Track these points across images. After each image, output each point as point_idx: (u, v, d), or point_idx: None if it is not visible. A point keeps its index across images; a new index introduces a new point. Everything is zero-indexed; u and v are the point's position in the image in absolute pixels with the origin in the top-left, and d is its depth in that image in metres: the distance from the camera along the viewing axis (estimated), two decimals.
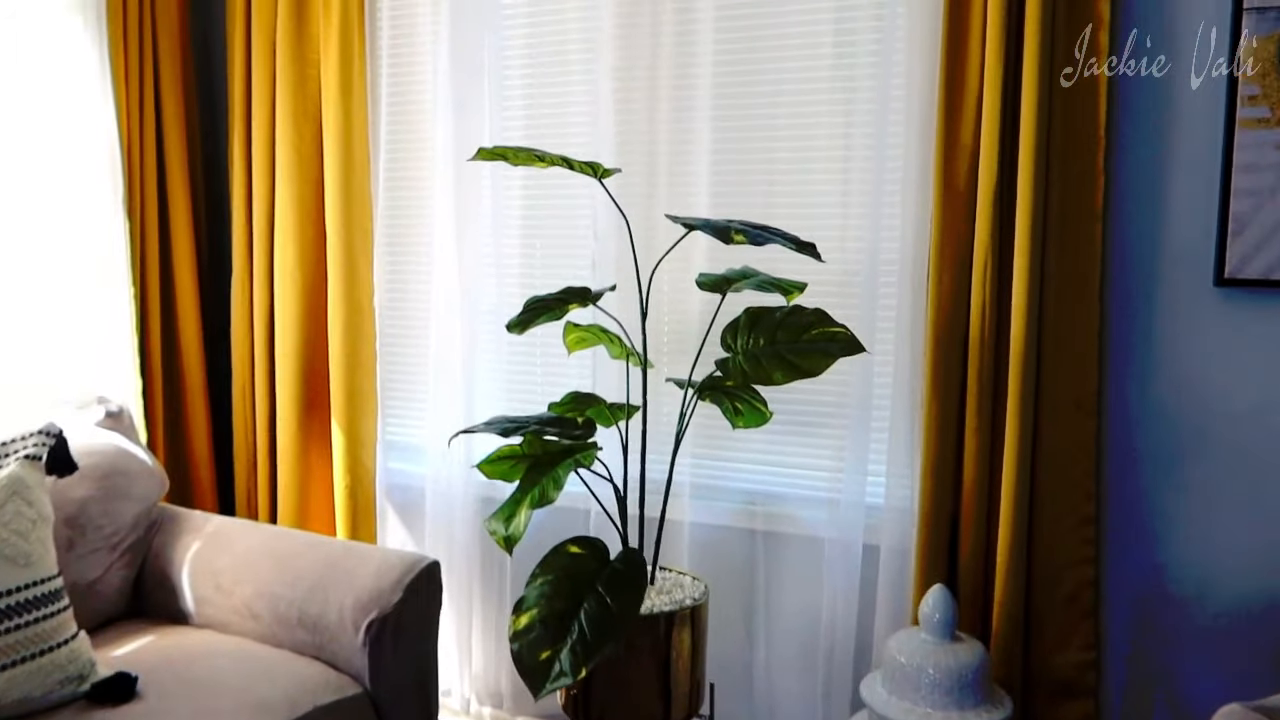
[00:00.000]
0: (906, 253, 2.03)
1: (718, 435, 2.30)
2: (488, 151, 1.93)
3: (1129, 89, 1.91)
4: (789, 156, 2.16)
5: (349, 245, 2.53)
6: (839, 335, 1.79)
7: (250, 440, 2.69)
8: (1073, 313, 1.93)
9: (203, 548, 1.99)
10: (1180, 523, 1.95)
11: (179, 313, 2.67)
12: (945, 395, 1.98)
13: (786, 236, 1.77)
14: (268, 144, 2.59)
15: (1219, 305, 1.89)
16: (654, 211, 2.26)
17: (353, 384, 2.56)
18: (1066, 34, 1.88)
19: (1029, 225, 1.87)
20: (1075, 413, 1.94)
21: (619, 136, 2.27)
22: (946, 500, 2.01)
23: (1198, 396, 1.92)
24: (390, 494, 2.66)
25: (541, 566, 1.76)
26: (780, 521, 2.27)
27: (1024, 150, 1.87)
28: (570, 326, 2.16)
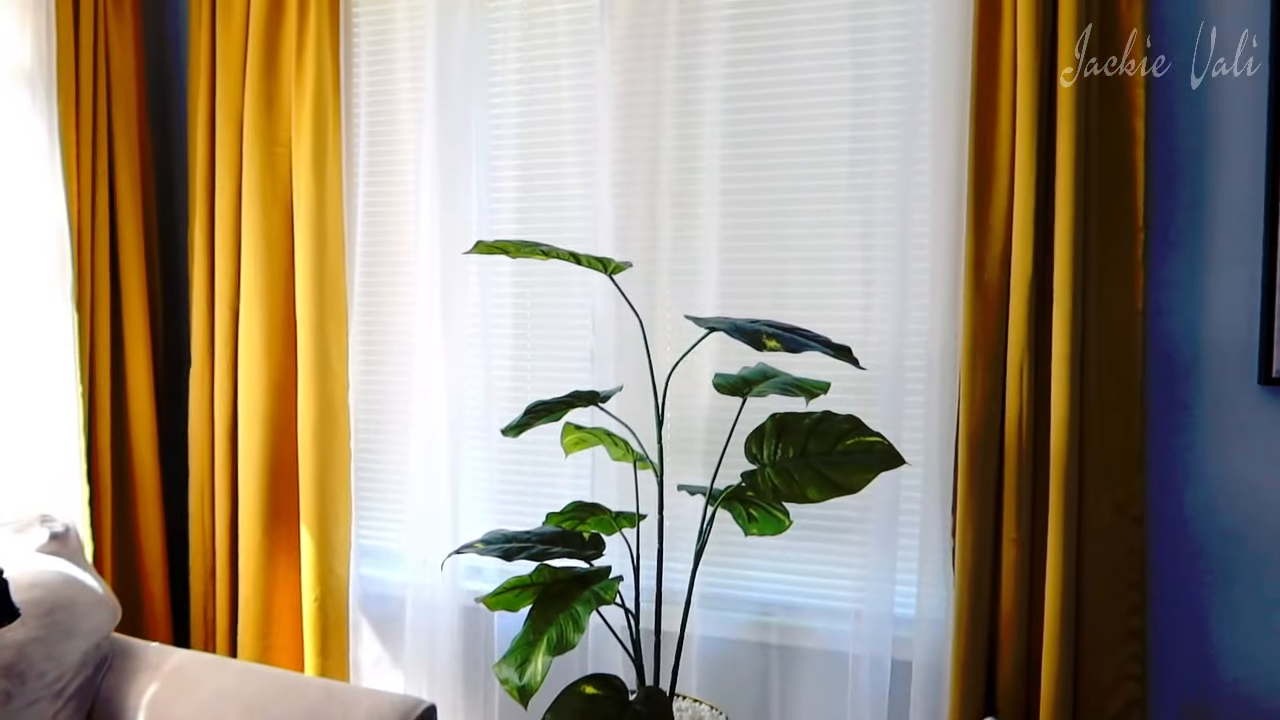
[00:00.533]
0: (934, 350, 1.90)
1: (728, 540, 2.12)
2: (487, 245, 1.78)
3: (1164, 176, 1.82)
4: (803, 247, 2.03)
5: (322, 337, 2.34)
6: (876, 446, 1.64)
7: (208, 550, 2.45)
8: (1114, 414, 1.81)
9: (160, 691, 1.76)
10: (1233, 638, 1.82)
11: (131, 413, 2.44)
12: (981, 501, 1.85)
13: (822, 341, 1.63)
14: (233, 229, 2.41)
15: (1265, 405, 1.79)
16: (655, 305, 2.11)
17: (324, 486, 2.35)
18: (1101, 113, 1.79)
19: (1068, 320, 1.76)
20: (1118, 520, 1.82)
21: (618, 225, 2.13)
22: (984, 612, 1.87)
23: (1246, 502, 1.81)
24: (365, 606, 2.43)
25: (553, 711, 1.57)
26: (798, 635, 2.10)
27: (1060, 240, 1.77)
28: (570, 427, 1.99)
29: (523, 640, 1.52)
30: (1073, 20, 1.74)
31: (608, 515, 1.92)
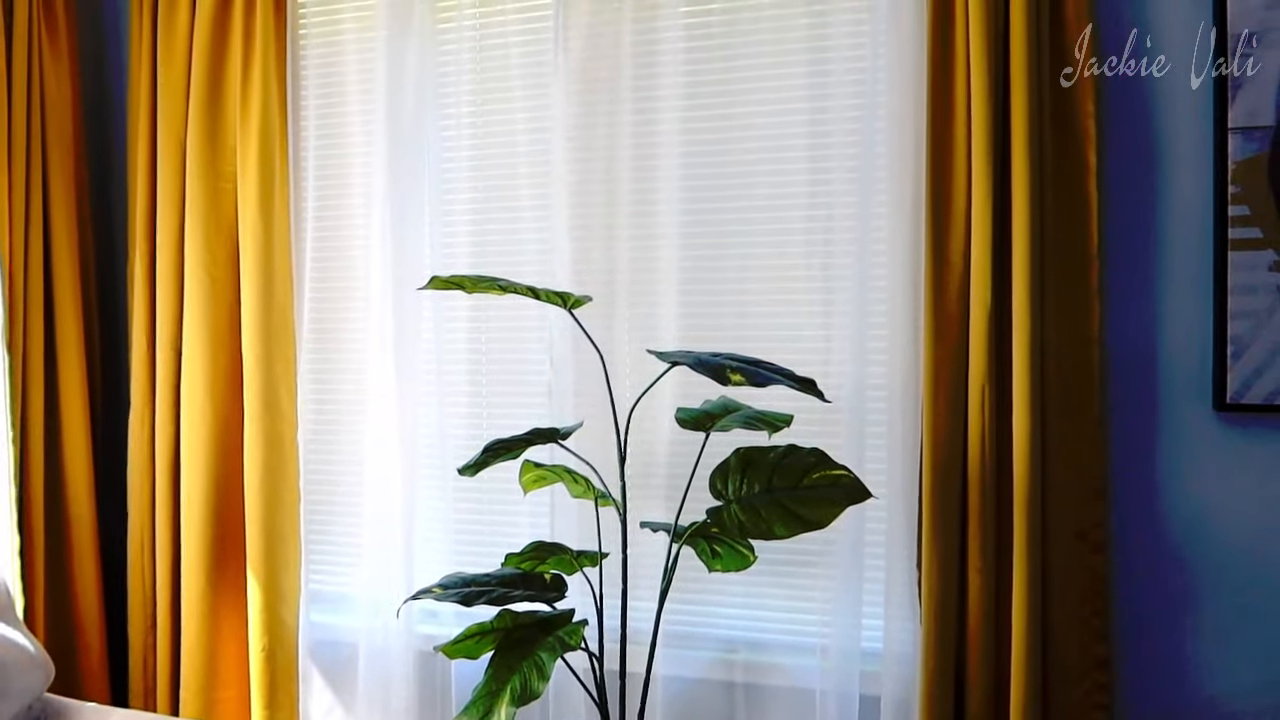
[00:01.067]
0: (895, 381, 1.89)
1: (690, 577, 2.07)
2: (443, 281, 1.74)
3: (1120, 202, 1.85)
4: (763, 279, 2.02)
5: (269, 375, 2.27)
6: (842, 479, 1.63)
7: (148, 600, 2.34)
8: (1074, 443, 1.81)
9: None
10: (1195, 661, 1.83)
11: (66, 459, 2.33)
12: (946, 531, 1.84)
13: (786, 374, 1.60)
14: (175, 265, 2.33)
15: (1221, 432, 1.81)
16: (614, 339, 2.08)
17: (272, 530, 2.27)
18: (1055, 142, 1.80)
19: (1027, 350, 1.77)
20: (1081, 548, 1.81)
21: (575, 259, 2.09)
22: (951, 643, 1.85)
23: (1206, 526, 1.82)
24: (315, 654, 2.34)
25: None
26: (763, 672, 2.06)
27: (1017, 271, 1.78)
28: (528, 465, 1.94)
29: (484, 691, 1.46)
30: (1024, 43, 1.75)
31: (569, 555, 1.87)
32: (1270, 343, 1.76)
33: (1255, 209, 1.77)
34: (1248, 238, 1.77)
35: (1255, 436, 1.79)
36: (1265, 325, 1.76)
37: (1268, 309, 1.76)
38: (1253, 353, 1.77)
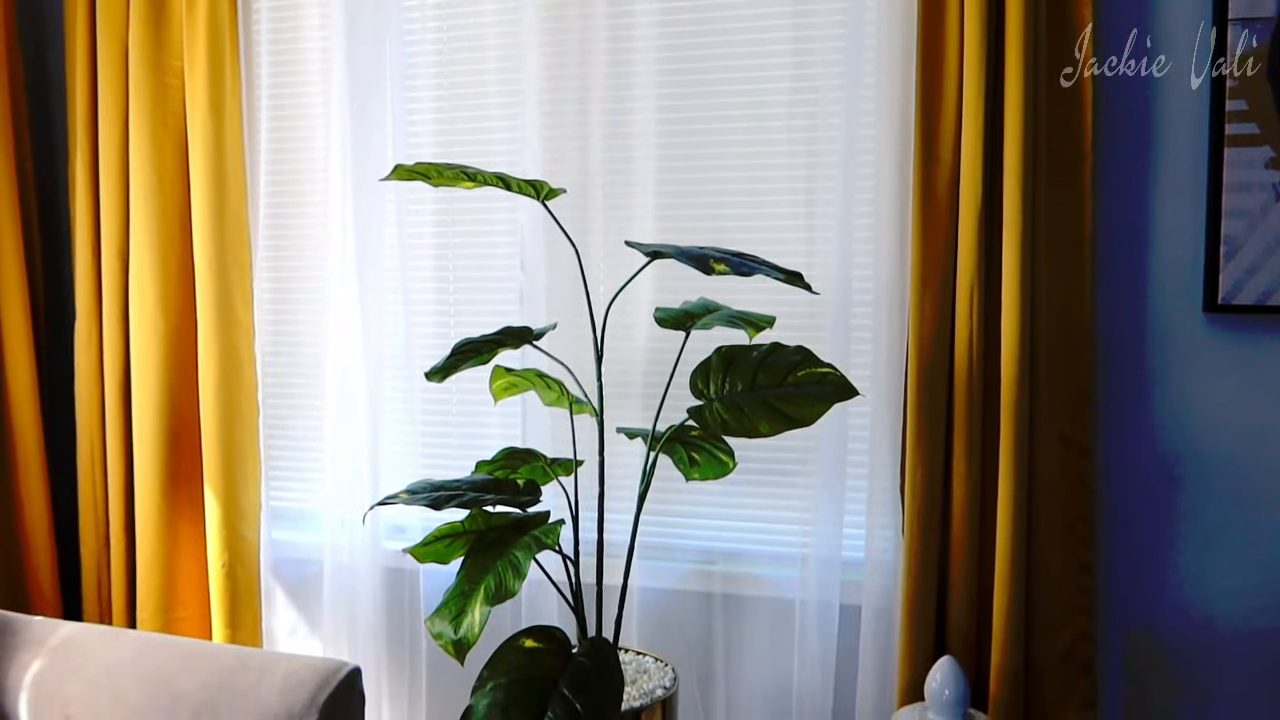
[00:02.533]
0: (881, 278, 1.83)
1: (667, 488, 2.03)
2: (406, 170, 1.63)
3: (1117, 97, 1.78)
4: (744, 173, 1.93)
5: (223, 282, 2.15)
6: (829, 377, 1.56)
7: (100, 518, 2.24)
8: (1062, 344, 1.77)
9: (47, 667, 1.57)
10: (1178, 565, 1.81)
11: (7, 367, 2.21)
12: (931, 436, 1.79)
13: (772, 266, 1.53)
14: (119, 165, 2.18)
15: (1211, 334, 1.77)
16: (589, 236, 1.99)
17: (230, 444, 2.17)
18: (1051, 35, 1.73)
19: (1018, 248, 1.71)
20: (1067, 453, 1.78)
21: (548, 153, 1.99)
22: (934, 550, 1.81)
23: (1193, 431, 1.79)
24: (278, 571, 2.26)
25: (490, 668, 1.45)
26: (742, 583, 2.02)
27: (1009, 167, 1.71)
28: (499, 371, 1.86)
29: (457, 590, 1.39)
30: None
31: (543, 462, 1.81)
32: (1264, 242, 1.71)
33: (1253, 104, 1.71)
34: (1244, 133, 1.71)
35: (1246, 338, 1.75)
36: (1260, 224, 1.72)
37: (1262, 207, 1.71)
38: (1246, 252, 1.73)
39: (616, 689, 1.42)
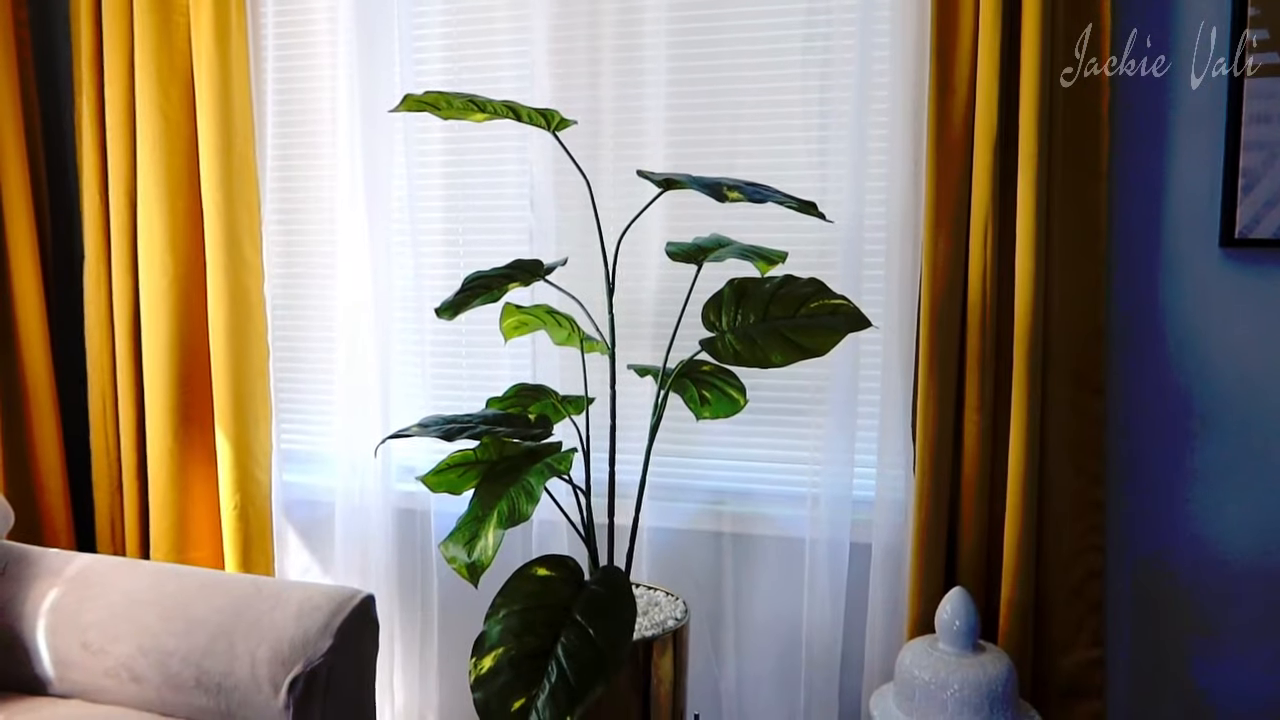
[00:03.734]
0: (895, 212, 1.81)
1: (678, 428, 2.03)
2: (415, 100, 1.61)
3: (1132, 24, 1.75)
4: (756, 103, 1.91)
5: (231, 224, 2.14)
6: (842, 308, 1.55)
7: (113, 459, 2.26)
8: (1076, 280, 1.75)
9: (64, 596, 1.58)
10: (1189, 502, 1.80)
11: (18, 310, 2.21)
12: (943, 372, 1.78)
13: (785, 194, 1.51)
14: (125, 107, 2.17)
15: (1227, 268, 1.75)
16: (599, 169, 1.97)
17: (241, 387, 2.17)
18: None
19: (1033, 180, 1.69)
20: (1079, 392, 1.77)
21: (556, 85, 1.97)
22: (945, 485, 1.81)
23: (1207, 368, 1.78)
24: (290, 513, 2.28)
25: (504, 595, 1.45)
26: (752, 522, 2.02)
27: (1025, 96, 1.68)
28: (509, 309, 1.86)
29: (470, 516, 1.39)
30: None
31: (554, 398, 1.80)
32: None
33: (1275, 33, 1.68)
34: (1267, 64, 1.68)
35: (1264, 273, 1.74)
36: (1279, 156, 1.69)
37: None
38: (1264, 185, 1.70)
39: (629, 615, 1.43)
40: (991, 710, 1.53)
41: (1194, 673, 1.83)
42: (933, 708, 1.55)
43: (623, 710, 1.62)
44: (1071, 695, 1.81)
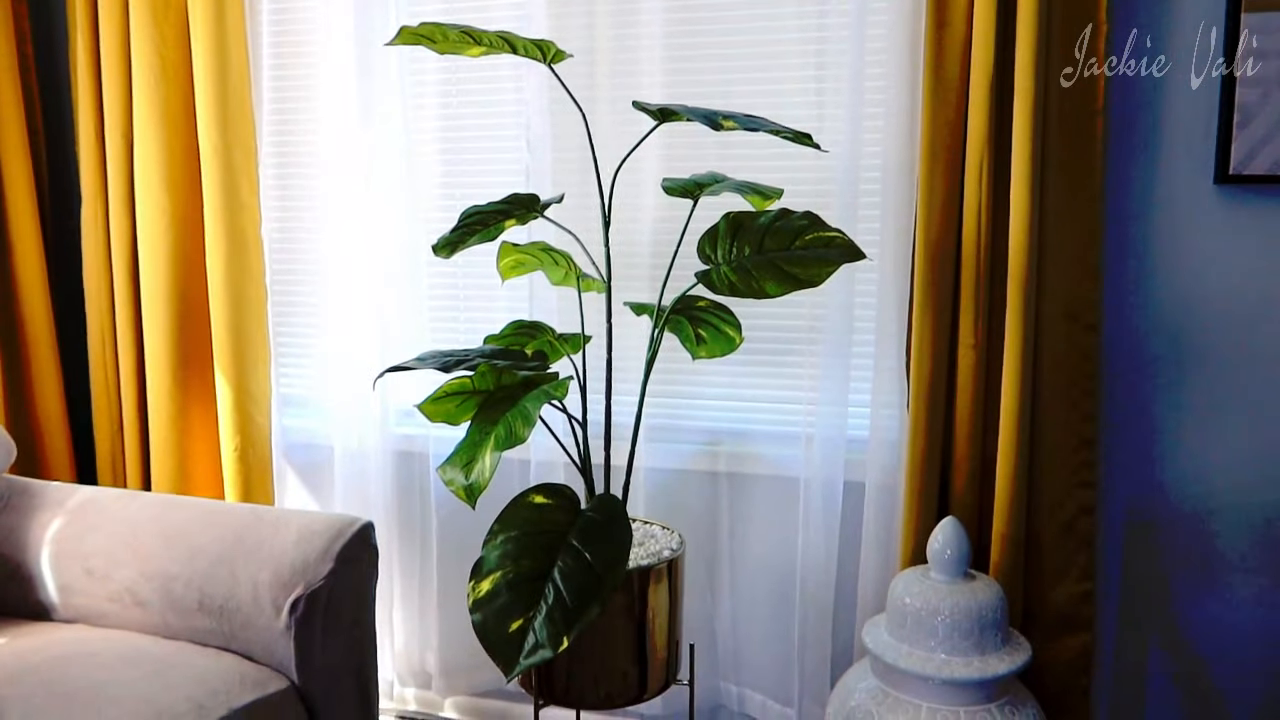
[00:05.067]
0: (890, 154, 1.82)
1: (674, 369, 2.05)
2: (411, 32, 1.60)
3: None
4: (752, 39, 1.90)
5: (228, 165, 2.14)
6: (836, 240, 1.56)
7: (114, 399, 2.27)
8: (1070, 218, 1.76)
9: (67, 525, 1.61)
10: (1180, 440, 1.82)
11: (14, 250, 2.22)
12: (937, 312, 1.79)
13: (779, 125, 1.51)
14: (120, 48, 2.16)
15: (1221, 204, 1.76)
16: (596, 105, 1.96)
17: (239, 329, 2.18)
18: None
19: (1029, 120, 1.69)
20: (1072, 328, 1.78)
21: (552, 18, 1.96)
22: (939, 428, 1.83)
23: (1197, 305, 1.79)
24: (290, 455, 2.30)
25: (501, 522, 1.48)
26: (747, 461, 2.04)
27: (1022, 33, 1.68)
28: (506, 248, 1.86)
29: (468, 441, 1.41)
30: None
31: (550, 335, 1.81)
32: (1279, 110, 1.69)
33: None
34: None
35: (1258, 208, 1.74)
36: (1275, 92, 1.69)
37: (1278, 76, 1.69)
38: (1260, 121, 1.70)
39: (624, 540, 1.45)
40: (981, 635, 1.56)
41: (1179, 607, 1.85)
42: (923, 633, 1.58)
43: (618, 638, 1.64)
44: (1061, 627, 1.84)
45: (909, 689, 1.58)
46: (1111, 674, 1.91)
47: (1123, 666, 1.91)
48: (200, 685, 1.33)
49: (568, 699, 1.67)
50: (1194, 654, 1.86)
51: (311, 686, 1.44)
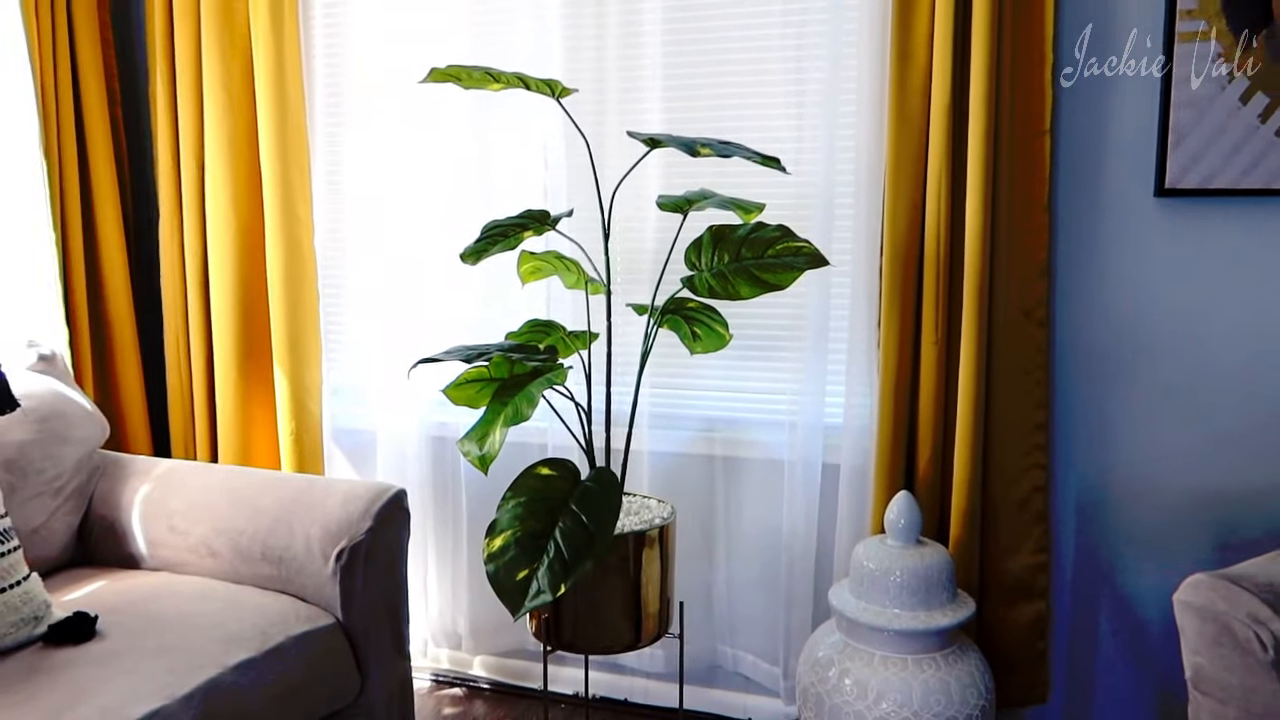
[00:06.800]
0: (861, 171, 2.05)
1: (676, 364, 2.30)
2: (441, 72, 1.88)
3: (1074, 3, 1.96)
4: (742, 78, 2.15)
5: (286, 185, 2.44)
6: (804, 249, 1.80)
7: (186, 388, 2.59)
8: (1023, 226, 1.98)
9: (153, 490, 1.91)
10: (1126, 426, 2.03)
11: (103, 258, 2.54)
12: (903, 311, 2.02)
13: (751, 150, 1.76)
14: (194, 82, 2.47)
15: (1160, 215, 1.96)
16: (605, 133, 2.23)
17: (295, 327, 2.48)
18: None
19: (982, 139, 1.91)
20: (1025, 323, 2.00)
21: (567, 55, 2.23)
22: (904, 415, 2.06)
23: (1141, 304, 1.99)
24: (338, 439, 2.60)
25: (513, 489, 1.74)
26: (740, 446, 2.29)
27: (976, 65, 1.90)
28: (525, 256, 2.13)
29: (483, 420, 1.68)
30: None
31: (562, 332, 2.08)
32: (1209, 130, 1.90)
33: (1201, 3, 1.88)
34: (1193, 30, 1.88)
35: (1190, 219, 1.95)
36: (1206, 113, 1.89)
37: (1209, 98, 1.89)
38: (1192, 140, 1.91)
39: (615, 504, 1.71)
40: (929, 594, 1.79)
41: (1127, 576, 2.06)
42: (878, 592, 1.81)
43: (616, 594, 1.89)
44: (1017, 595, 2.06)
45: (866, 640, 1.81)
46: (1068, 637, 2.12)
47: (1077, 630, 2.11)
48: (263, 617, 1.62)
49: (573, 646, 1.92)
50: (1139, 617, 2.06)
51: (353, 622, 1.73)
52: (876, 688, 1.76)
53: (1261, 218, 1.91)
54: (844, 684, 1.79)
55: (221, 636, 1.55)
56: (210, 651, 1.50)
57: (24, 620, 1.52)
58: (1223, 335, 1.95)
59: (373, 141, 2.43)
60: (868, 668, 1.78)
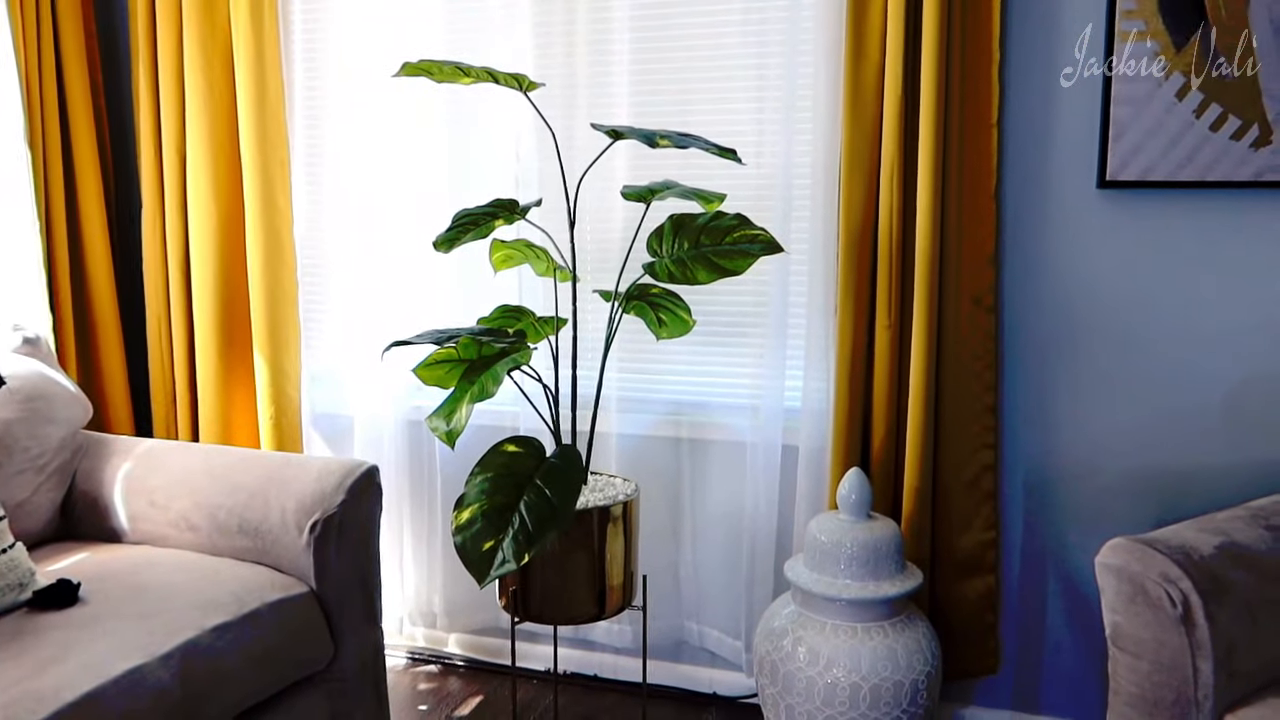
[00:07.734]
0: (818, 163, 2.14)
1: (644, 350, 2.38)
2: (413, 66, 1.96)
3: (1021, 4, 2.05)
4: (706, 75, 2.24)
5: (266, 175, 2.51)
6: (760, 237, 1.88)
7: (168, 375, 2.65)
8: (972, 216, 2.07)
9: (134, 468, 1.98)
10: (1070, 408, 2.12)
11: (86, 246, 2.61)
12: (858, 298, 2.11)
13: (708, 142, 1.85)
14: (176, 73, 2.54)
15: (1102, 206, 2.06)
16: (575, 125, 2.31)
17: (274, 315, 2.55)
18: None
19: (933, 133, 2.00)
20: (975, 310, 2.09)
21: (538, 51, 2.31)
22: (859, 397, 2.15)
23: (1084, 291, 2.09)
24: (316, 424, 2.67)
25: (480, 465, 1.82)
26: (705, 429, 2.37)
27: (926, 61, 1.99)
28: (496, 244, 2.20)
29: (451, 397, 1.76)
30: None
31: (532, 318, 2.15)
32: (1146, 125, 1.99)
33: (1140, 3, 1.97)
34: (1133, 30, 1.98)
35: (1130, 210, 2.04)
36: (1144, 109, 1.99)
37: (1147, 94, 1.98)
38: (1132, 134, 2.00)
39: (577, 480, 1.79)
40: (877, 565, 1.88)
41: (1072, 552, 2.15)
42: (830, 563, 1.90)
43: (580, 572, 1.98)
44: (968, 570, 2.16)
45: (819, 610, 1.90)
46: (1017, 610, 2.21)
47: (1025, 603, 2.21)
48: (240, 585, 1.70)
49: (541, 617, 2.00)
50: (1084, 591, 2.15)
51: (326, 591, 1.81)
52: (828, 655, 1.84)
53: (1196, 209, 2.00)
54: (798, 652, 1.88)
55: (199, 602, 1.62)
56: (189, 616, 1.57)
57: (9, 586, 1.59)
58: (1160, 322, 2.04)
59: (351, 133, 2.50)
60: (820, 636, 1.87)
